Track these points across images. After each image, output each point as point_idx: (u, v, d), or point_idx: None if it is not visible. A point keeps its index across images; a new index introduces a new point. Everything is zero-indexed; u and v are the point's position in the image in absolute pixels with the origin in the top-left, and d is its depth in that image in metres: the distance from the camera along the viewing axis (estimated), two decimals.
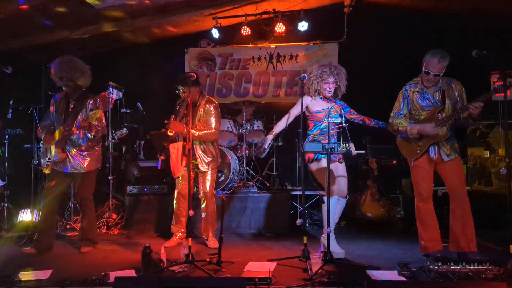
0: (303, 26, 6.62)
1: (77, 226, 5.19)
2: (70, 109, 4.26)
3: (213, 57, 7.28)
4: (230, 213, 5.31)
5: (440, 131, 3.61)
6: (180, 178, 4.33)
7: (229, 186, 5.60)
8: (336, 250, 3.78)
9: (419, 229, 3.82)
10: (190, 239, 3.46)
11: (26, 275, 3.32)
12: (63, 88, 4.28)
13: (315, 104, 4.07)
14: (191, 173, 3.73)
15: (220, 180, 5.52)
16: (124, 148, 6.23)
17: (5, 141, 5.52)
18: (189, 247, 3.45)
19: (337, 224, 5.61)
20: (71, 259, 4.02)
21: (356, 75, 6.88)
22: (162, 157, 4.35)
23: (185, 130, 3.72)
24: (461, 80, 3.83)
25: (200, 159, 4.34)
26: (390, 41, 6.80)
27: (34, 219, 5.21)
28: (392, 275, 3.24)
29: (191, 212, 3.47)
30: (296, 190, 6.03)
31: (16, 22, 5.85)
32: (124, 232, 5.22)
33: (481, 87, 4.65)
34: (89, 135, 4.24)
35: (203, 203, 4.46)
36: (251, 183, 5.59)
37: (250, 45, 7.20)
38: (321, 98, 4.12)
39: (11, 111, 5.56)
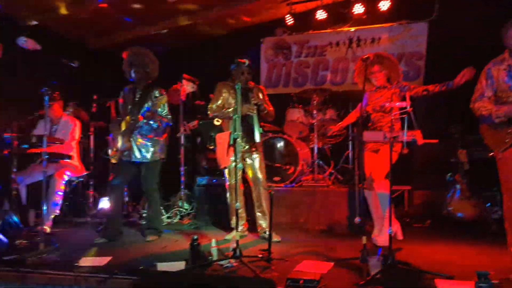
0: (384, 5, 6.07)
1: None
2: (136, 100, 4.36)
3: (289, 45, 7.03)
4: (298, 207, 5.05)
5: None
6: (228, 171, 4.20)
7: (298, 179, 5.33)
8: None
9: (509, 234, 3.19)
10: (237, 232, 3.30)
11: (85, 261, 3.44)
12: (132, 76, 4.38)
13: (371, 96, 3.71)
14: (238, 163, 3.54)
15: (289, 172, 5.29)
16: (198, 139, 6.30)
17: (89, 133, 5.90)
18: (237, 242, 3.28)
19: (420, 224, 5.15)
20: (133, 247, 4.11)
21: (450, 58, 6.18)
22: (211, 147, 4.27)
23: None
24: None
25: (248, 137, 4.20)
26: (489, 18, 5.92)
27: None
28: (467, 286, 2.73)
29: (238, 205, 3.30)
30: None
31: (99, 21, 6.24)
32: (193, 222, 5.27)
33: None
34: (153, 125, 4.31)
35: (255, 194, 4.28)
36: (321, 176, 5.25)
37: (328, 30, 6.81)
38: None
39: (95, 104, 5.94)
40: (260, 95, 4.38)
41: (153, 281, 2.44)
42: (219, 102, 4.36)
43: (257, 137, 4.14)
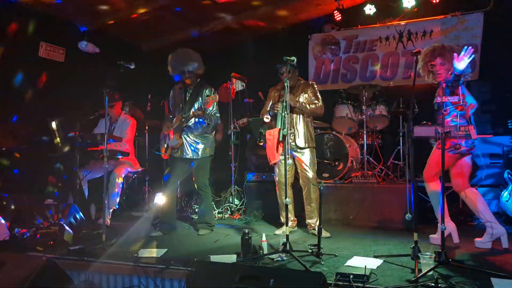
0: None
1: None
2: (187, 98, 4.53)
3: (337, 41, 6.99)
4: (347, 203, 5.05)
5: None
6: (277, 167, 4.28)
7: (347, 175, 5.31)
8: None
9: None
10: (287, 227, 3.37)
11: (143, 252, 3.65)
12: (178, 77, 4.55)
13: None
14: (288, 159, 3.61)
15: (338, 169, 5.29)
16: (248, 136, 6.42)
17: (145, 131, 6.18)
18: (287, 236, 3.36)
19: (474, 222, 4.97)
20: (187, 241, 4.29)
21: (506, 49, 5.90)
22: (261, 144, 4.35)
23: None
24: None
25: (298, 133, 4.27)
26: None
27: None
28: None
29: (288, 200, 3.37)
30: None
31: (153, 24, 6.49)
32: (243, 217, 5.40)
33: None
34: (203, 123, 4.46)
35: (304, 190, 4.33)
36: (370, 173, 5.20)
37: (377, 25, 6.70)
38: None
39: (149, 104, 6.21)
40: (309, 91, 4.42)
41: (206, 271, 2.56)
42: (270, 104, 4.47)
43: (298, 137, 4.24)
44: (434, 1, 5.93)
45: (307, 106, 4.32)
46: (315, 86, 4.51)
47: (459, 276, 2.88)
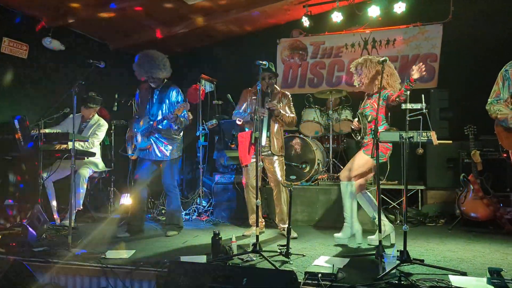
0: (400, 7, 6.13)
1: None
2: (154, 100, 4.50)
3: (304, 46, 7.14)
4: (314, 205, 5.18)
5: None
6: (248, 169, 4.35)
7: (314, 178, 5.45)
8: None
9: None
10: (256, 228, 3.44)
11: (111, 254, 3.61)
12: (145, 79, 4.50)
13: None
14: (259, 162, 3.68)
15: (305, 171, 5.41)
16: (216, 138, 6.45)
17: (111, 131, 6.09)
18: (257, 237, 3.42)
19: (433, 223, 5.23)
20: (155, 242, 4.27)
21: (464, 59, 6.24)
22: (233, 146, 4.41)
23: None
24: None
25: (275, 141, 4.40)
26: (503, 19, 5.99)
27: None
28: (479, 282, 2.83)
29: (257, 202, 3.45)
30: (389, 184, 5.67)
31: (122, 22, 6.41)
32: (211, 219, 5.42)
33: None
34: (173, 126, 4.44)
35: (275, 193, 4.42)
36: (336, 175, 5.36)
37: (343, 32, 6.90)
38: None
39: (116, 104, 6.12)
40: (284, 101, 4.54)
41: (179, 272, 2.58)
42: (243, 107, 4.54)
43: (263, 140, 4.32)
44: (397, 12, 6.17)
45: (287, 115, 4.46)
46: (290, 98, 4.67)
47: (420, 274, 3.04)
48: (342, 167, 5.70)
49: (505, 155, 5.20)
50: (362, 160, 3.95)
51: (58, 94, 5.07)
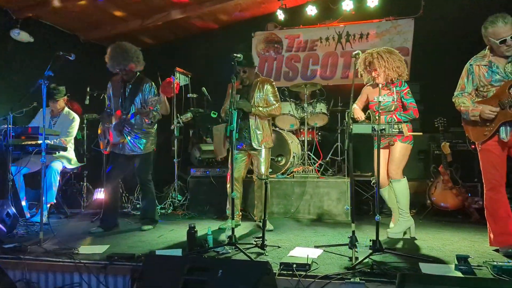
0: (373, 1, 6.22)
1: None
2: (126, 93, 4.43)
3: (280, 39, 7.16)
4: (289, 197, 5.23)
5: (507, 111, 3.15)
6: (229, 161, 4.36)
7: (289, 170, 5.49)
8: None
9: (488, 221, 3.40)
10: (232, 221, 3.45)
11: (84, 249, 3.55)
12: (117, 72, 4.41)
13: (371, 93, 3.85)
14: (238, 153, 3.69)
15: (281, 164, 5.45)
16: (191, 132, 6.41)
17: (84, 125, 5.97)
18: (232, 229, 3.43)
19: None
20: (130, 237, 4.23)
21: (435, 53, 6.38)
22: (208, 139, 4.40)
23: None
24: None
25: (254, 135, 4.35)
26: (472, 14, 6.14)
27: None
28: (446, 269, 2.92)
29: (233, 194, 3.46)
30: (363, 176, 5.77)
31: (93, 13, 6.27)
32: (187, 213, 5.41)
33: None
34: (146, 120, 4.39)
35: (257, 185, 4.44)
36: (311, 167, 5.43)
37: (318, 26, 6.95)
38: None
39: (88, 97, 6.00)
40: (267, 90, 4.45)
41: (154, 265, 2.57)
42: (228, 102, 4.48)
43: (254, 138, 4.32)
44: (370, 6, 6.25)
45: (263, 110, 4.36)
46: (274, 84, 4.51)
47: (392, 262, 3.13)
48: (317, 159, 5.79)
49: (473, 146, 5.37)
50: (403, 150, 3.96)
51: (27, 88, 4.94)
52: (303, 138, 5.78)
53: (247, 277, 2.29)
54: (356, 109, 3.98)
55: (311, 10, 6.49)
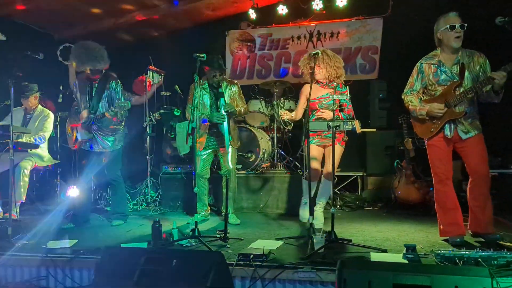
0: (341, 1, 6.38)
1: None
2: (93, 92, 4.51)
3: (253, 38, 7.29)
4: (258, 193, 5.38)
5: (452, 109, 3.37)
6: (195, 158, 4.48)
7: (259, 166, 5.63)
8: None
9: (438, 213, 3.62)
10: (198, 215, 3.58)
11: (52, 244, 3.64)
12: (82, 70, 4.46)
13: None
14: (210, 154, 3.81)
15: (250, 160, 5.58)
16: (164, 129, 6.49)
17: (57, 123, 6.01)
18: (195, 223, 3.57)
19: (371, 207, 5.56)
20: (100, 231, 4.33)
21: (402, 52, 6.57)
22: (172, 136, 4.51)
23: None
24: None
25: (230, 139, 4.48)
26: (437, 14, 6.34)
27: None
28: (395, 258, 3.10)
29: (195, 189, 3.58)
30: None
31: (66, 12, 6.30)
32: (158, 208, 5.52)
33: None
34: (114, 120, 4.47)
35: (224, 180, 4.57)
36: (279, 163, 5.58)
37: (290, 25, 7.09)
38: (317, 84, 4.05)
39: (61, 95, 6.04)
40: (233, 92, 4.59)
41: (114, 258, 2.68)
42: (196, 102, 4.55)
43: (227, 143, 4.43)
44: (339, 5, 6.42)
45: (238, 109, 4.52)
46: (239, 85, 4.69)
47: (345, 252, 3.30)
48: (286, 156, 5.94)
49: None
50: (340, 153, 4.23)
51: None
52: (273, 135, 5.92)
53: (200, 266, 2.42)
54: (282, 113, 4.36)
55: (282, 10, 6.63)
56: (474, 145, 3.41)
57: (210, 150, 4.55)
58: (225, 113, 4.34)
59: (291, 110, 5.83)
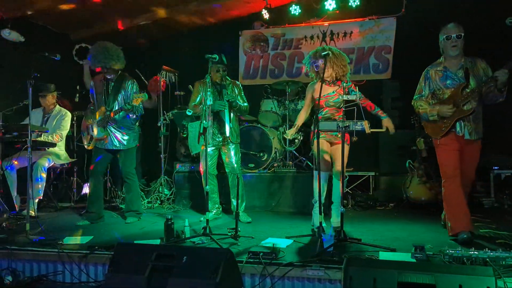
0: (354, 1, 6.38)
1: None
2: (109, 91, 4.62)
3: (266, 38, 7.33)
4: (270, 192, 5.43)
5: (461, 108, 3.48)
6: (202, 157, 4.55)
7: (271, 165, 5.68)
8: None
9: (446, 211, 3.65)
10: (208, 213, 3.65)
11: (68, 240, 3.75)
12: (99, 70, 4.62)
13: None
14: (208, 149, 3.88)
15: (263, 159, 5.64)
16: (178, 128, 6.58)
17: (73, 122, 6.15)
18: (207, 221, 3.64)
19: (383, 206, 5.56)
20: (113, 228, 4.43)
21: (416, 52, 6.54)
22: (184, 135, 4.59)
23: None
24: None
25: (231, 130, 4.55)
26: (452, 14, 6.30)
27: None
28: (403, 257, 3.11)
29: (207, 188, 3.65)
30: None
31: (83, 13, 6.44)
32: (172, 206, 5.61)
33: None
34: (130, 115, 4.59)
35: (230, 179, 4.64)
36: (291, 163, 5.62)
37: (303, 24, 7.11)
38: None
39: (77, 95, 6.19)
40: (236, 91, 4.70)
41: (127, 253, 2.76)
42: (197, 100, 4.65)
43: (227, 131, 4.50)
44: (352, 5, 6.42)
45: (236, 100, 4.60)
46: (241, 87, 4.83)
47: (355, 251, 3.33)
48: (298, 155, 5.97)
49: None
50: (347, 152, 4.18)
51: (16, 87, 5.14)
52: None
53: (209, 262, 2.49)
54: (289, 135, 4.40)
55: (295, 10, 6.68)
56: (475, 152, 3.63)
57: (214, 147, 4.62)
58: (226, 102, 4.45)
59: None
